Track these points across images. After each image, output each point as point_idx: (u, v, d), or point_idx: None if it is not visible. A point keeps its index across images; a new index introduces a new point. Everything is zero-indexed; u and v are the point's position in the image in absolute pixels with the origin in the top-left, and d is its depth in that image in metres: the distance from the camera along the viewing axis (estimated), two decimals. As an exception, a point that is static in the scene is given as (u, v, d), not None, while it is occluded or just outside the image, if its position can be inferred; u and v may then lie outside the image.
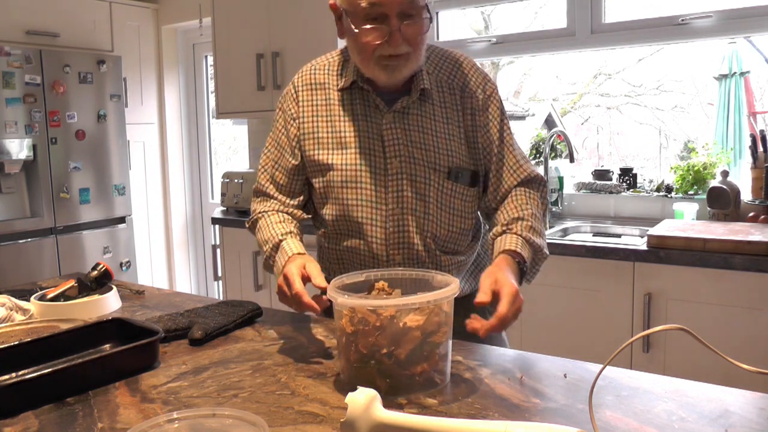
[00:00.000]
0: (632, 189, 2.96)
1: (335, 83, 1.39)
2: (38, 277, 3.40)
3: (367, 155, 1.34)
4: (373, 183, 1.34)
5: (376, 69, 1.27)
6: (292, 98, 1.42)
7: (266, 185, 1.44)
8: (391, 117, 1.33)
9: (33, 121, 3.47)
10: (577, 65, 3.34)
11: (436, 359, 1.00)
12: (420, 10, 1.23)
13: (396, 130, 1.33)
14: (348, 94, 1.37)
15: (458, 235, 1.39)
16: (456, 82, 1.37)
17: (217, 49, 3.55)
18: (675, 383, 1.00)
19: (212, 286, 4.53)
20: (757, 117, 2.87)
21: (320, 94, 1.40)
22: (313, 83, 1.41)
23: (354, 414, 0.80)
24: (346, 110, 1.36)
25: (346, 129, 1.35)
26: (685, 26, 2.72)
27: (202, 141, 4.52)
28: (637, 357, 2.25)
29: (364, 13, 1.22)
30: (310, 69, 1.44)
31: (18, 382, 0.99)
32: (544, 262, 1.34)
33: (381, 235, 1.35)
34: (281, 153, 1.42)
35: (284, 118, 1.43)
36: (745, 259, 2.03)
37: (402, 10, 1.21)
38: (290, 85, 1.44)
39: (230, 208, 3.57)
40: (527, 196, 1.36)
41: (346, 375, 1.04)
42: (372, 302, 0.99)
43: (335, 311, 1.03)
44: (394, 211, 1.34)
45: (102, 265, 1.62)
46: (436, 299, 0.98)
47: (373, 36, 1.23)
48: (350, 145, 1.35)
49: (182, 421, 0.84)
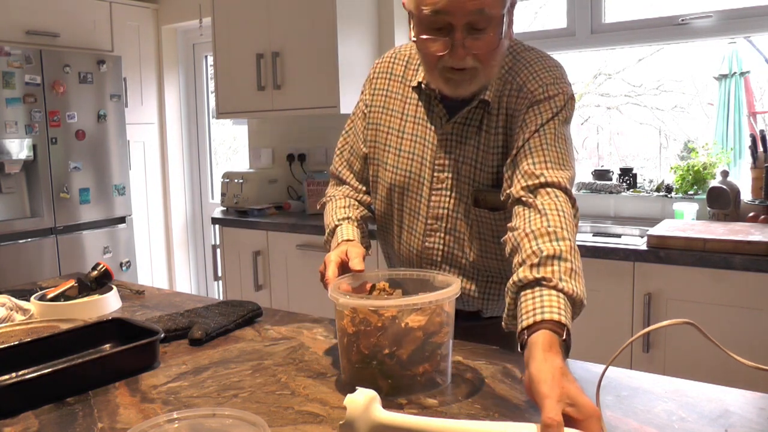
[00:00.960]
0: (632, 189, 2.96)
1: (411, 78, 1.31)
2: (38, 277, 3.41)
3: (419, 163, 1.29)
4: (418, 193, 1.30)
5: (440, 81, 1.18)
6: (368, 83, 1.38)
7: (340, 169, 1.41)
8: (450, 128, 1.26)
9: (33, 121, 3.47)
10: (577, 65, 3.34)
11: (437, 360, 1.00)
12: (492, 22, 1.10)
13: (451, 143, 1.26)
14: (417, 93, 1.30)
15: (496, 254, 1.30)
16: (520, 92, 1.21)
17: (217, 49, 3.55)
18: (675, 383, 1.00)
19: (212, 286, 4.53)
20: (757, 117, 2.87)
21: (394, 86, 1.34)
22: (390, 73, 1.35)
23: (353, 415, 0.80)
24: (411, 110, 1.31)
25: (406, 129, 1.31)
26: (685, 26, 2.72)
27: (202, 141, 4.52)
28: (637, 357, 2.25)
29: (428, 21, 1.11)
30: (390, 57, 1.37)
31: (18, 382, 0.99)
32: None
33: (416, 246, 1.33)
34: (356, 138, 1.39)
35: (362, 104, 1.39)
36: (745, 259, 2.03)
37: (470, 21, 1.08)
38: (371, 71, 1.40)
39: (230, 208, 3.57)
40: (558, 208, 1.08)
41: (347, 375, 1.03)
42: (374, 302, 0.99)
43: (336, 312, 1.03)
44: (433, 227, 1.30)
45: (102, 265, 1.62)
46: (438, 299, 0.97)
47: (435, 47, 1.12)
48: (406, 147, 1.30)
49: (182, 421, 0.84)
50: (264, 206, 3.45)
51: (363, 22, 3.25)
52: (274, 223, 3.19)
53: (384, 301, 1.00)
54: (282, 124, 3.79)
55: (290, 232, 3.11)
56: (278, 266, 3.21)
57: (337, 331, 1.04)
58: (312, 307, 2.97)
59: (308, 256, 3.06)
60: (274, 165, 3.83)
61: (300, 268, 3.12)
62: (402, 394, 0.97)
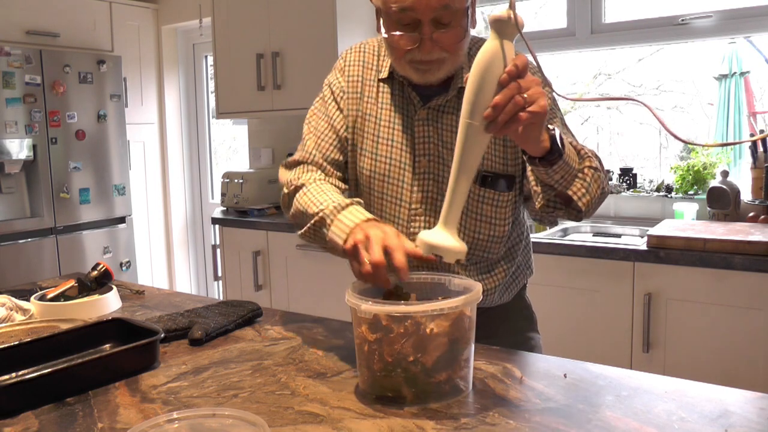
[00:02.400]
0: (632, 189, 2.96)
1: (382, 68, 1.32)
2: (38, 277, 3.40)
3: (398, 149, 1.28)
4: (399, 179, 1.29)
5: (409, 70, 1.21)
6: (340, 72, 1.35)
7: (313, 153, 1.30)
8: (425, 114, 1.27)
9: (33, 121, 3.47)
10: (577, 65, 3.34)
11: (461, 365, 0.98)
12: (457, 15, 1.14)
13: (428, 128, 1.27)
14: (389, 82, 1.31)
15: (486, 242, 1.30)
16: None
17: (217, 49, 3.55)
18: (675, 383, 1.00)
19: (212, 286, 4.53)
20: (757, 117, 2.87)
21: (368, 74, 1.33)
22: (363, 61, 1.34)
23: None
24: (386, 98, 1.31)
25: (383, 116, 1.30)
26: (685, 26, 2.72)
27: (202, 141, 4.52)
28: (637, 357, 2.25)
29: (395, 17, 1.14)
30: (360, 47, 1.36)
31: (18, 382, 0.99)
32: (575, 180, 1.14)
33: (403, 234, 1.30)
34: (330, 124, 1.32)
35: (332, 90, 1.35)
36: (745, 259, 2.03)
37: (436, 17, 1.12)
38: (340, 60, 1.37)
39: (230, 208, 3.56)
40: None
41: (368, 384, 0.99)
42: (399, 308, 0.94)
43: (354, 318, 0.99)
44: (417, 212, 1.28)
45: (102, 265, 1.62)
46: (463, 304, 0.95)
47: (404, 42, 1.16)
48: (383, 135, 1.30)
49: (182, 421, 0.84)
50: (264, 206, 3.45)
51: (363, 22, 3.25)
52: (274, 223, 3.19)
53: (409, 307, 0.95)
54: (282, 124, 3.79)
55: (290, 232, 3.11)
56: (278, 266, 3.21)
57: (355, 338, 1.00)
58: (312, 307, 2.97)
59: (308, 256, 3.06)
60: (274, 165, 3.83)
61: (300, 268, 3.12)
62: (426, 402, 0.95)
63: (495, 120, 0.95)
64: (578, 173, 1.14)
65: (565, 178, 1.12)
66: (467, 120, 0.97)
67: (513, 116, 0.94)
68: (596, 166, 1.17)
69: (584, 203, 1.15)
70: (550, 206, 1.22)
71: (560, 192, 1.17)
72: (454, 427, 0.87)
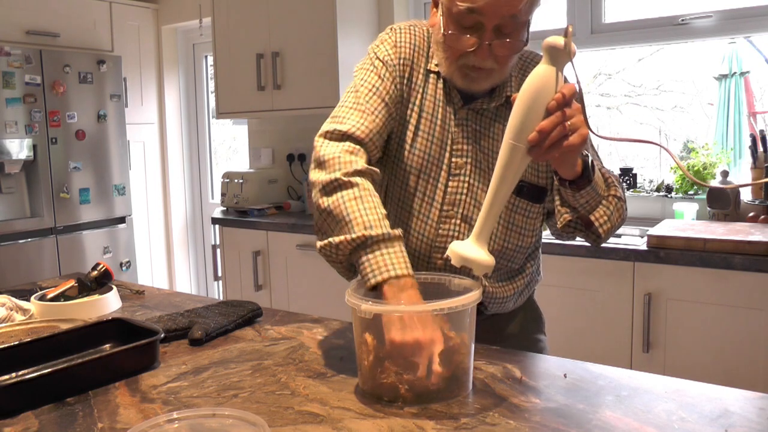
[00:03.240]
0: (632, 189, 2.96)
1: (429, 57, 1.26)
2: (38, 277, 3.40)
3: (436, 146, 1.24)
4: (434, 177, 1.24)
5: (457, 74, 1.17)
6: (392, 47, 1.24)
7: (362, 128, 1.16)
8: (465, 114, 1.23)
9: (33, 121, 3.47)
10: (577, 65, 3.34)
11: (461, 365, 0.98)
12: (519, 28, 1.11)
13: (467, 129, 1.24)
14: (436, 74, 1.25)
15: (513, 252, 1.28)
16: None
17: (217, 49, 3.55)
18: (675, 383, 1.00)
19: (212, 286, 4.53)
20: (757, 117, 2.87)
21: (418, 59, 1.26)
22: (414, 45, 1.26)
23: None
24: (430, 90, 1.25)
25: (424, 109, 1.24)
26: (685, 26, 2.72)
27: (202, 141, 4.52)
28: (637, 357, 2.25)
29: (460, 16, 1.10)
30: (410, 29, 1.27)
31: (18, 382, 0.99)
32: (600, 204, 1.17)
33: (428, 234, 1.25)
34: (382, 99, 1.20)
35: (384, 63, 1.23)
36: (745, 259, 2.03)
37: (500, 24, 1.09)
38: (390, 35, 1.26)
39: (230, 208, 3.57)
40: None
41: (368, 385, 0.99)
42: (399, 309, 0.95)
43: (354, 318, 0.99)
44: (449, 213, 1.25)
45: (102, 265, 1.62)
46: (464, 304, 0.95)
47: (462, 44, 1.12)
48: (423, 128, 1.24)
49: (182, 421, 0.84)
50: (264, 206, 3.45)
51: (363, 22, 3.25)
52: (274, 223, 3.19)
53: (409, 307, 0.95)
54: (282, 124, 3.79)
55: (290, 232, 3.11)
56: (278, 266, 3.21)
57: (355, 338, 1.00)
58: (312, 307, 2.97)
59: (308, 256, 3.06)
60: (274, 165, 3.83)
61: (300, 268, 3.12)
62: (426, 402, 0.95)
63: (539, 145, 0.96)
64: (603, 200, 1.17)
65: (589, 203, 1.15)
66: (512, 141, 0.98)
67: (556, 143, 0.96)
68: (620, 195, 1.20)
69: (604, 230, 1.18)
70: (571, 227, 1.24)
71: (583, 215, 1.19)
72: (454, 427, 0.88)
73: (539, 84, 0.96)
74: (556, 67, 0.97)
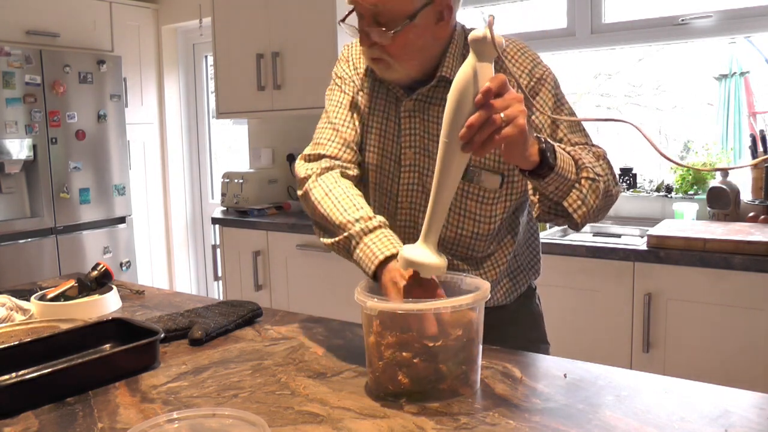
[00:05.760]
0: (632, 189, 2.96)
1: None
2: (38, 277, 3.40)
3: (389, 141, 1.29)
4: (388, 170, 1.29)
5: (369, 63, 1.23)
6: (345, 62, 1.35)
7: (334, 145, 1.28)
8: (411, 105, 1.26)
9: (33, 121, 3.47)
10: (577, 65, 3.34)
11: (470, 364, 0.99)
12: (395, 19, 1.12)
13: (414, 120, 1.26)
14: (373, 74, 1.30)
15: (470, 239, 1.28)
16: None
17: (217, 49, 3.55)
18: (675, 383, 1.00)
19: (212, 286, 4.53)
20: (757, 117, 2.87)
21: (362, 65, 1.34)
22: (359, 52, 1.34)
23: None
24: (375, 89, 1.31)
25: (374, 108, 1.30)
26: (685, 26, 2.72)
27: (202, 141, 4.52)
28: (637, 357, 2.25)
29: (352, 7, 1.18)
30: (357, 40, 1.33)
31: (18, 382, 1.00)
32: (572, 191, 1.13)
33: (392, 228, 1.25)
34: (342, 108, 1.31)
35: (344, 82, 1.34)
36: (745, 259, 2.03)
37: (372, 14, 1.14)
38: (344, 51, 1.38)
39: (230, 208, 3.57)
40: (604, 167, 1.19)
41: (376, 382, 1.00)
42: (406, 306, 0.95)
43: (363, 315, 1.00)
44: (402, 204, 1.29)
45: (102, 265, 1.62)
46: (473, 302, 0.95)
47: (351, 32, 1.19)
48: (375, 126, 1.30)
49: (182, 421, 0.84)
50: (264, 206, 3.45)
51: (363, 22, 3.25)
52: (274, 223, 3.19)
53: (417, 304, 0.95)
54: (282, 124, 3.79)
55: (290, 232, 3.11)
56: (278, 266, 3.21)
57: (365, 336, 1.01)
58: (312, 307, 2.97)
59: (308, 256, 3.06)
60: (274, 165, 3.83)
61: (300, 268, 3.12)
62: (435, 400, 0.95)
63: (471, 140, 0.94)
64: (575, 184, 1.12)
65: (559, 188, 1.11)
66: (445, 139, 0.97)
67: (490, 136, 0.93)
68: (593, 176, 1.14)
69: (579, 215, 1.14)
70: (551, 213, 1.21)
71: (557, 202, 1.16)
72: (454, 427, 0.88)
73: (464, 79, 0.94)
74: (483, 60, 0.95)
